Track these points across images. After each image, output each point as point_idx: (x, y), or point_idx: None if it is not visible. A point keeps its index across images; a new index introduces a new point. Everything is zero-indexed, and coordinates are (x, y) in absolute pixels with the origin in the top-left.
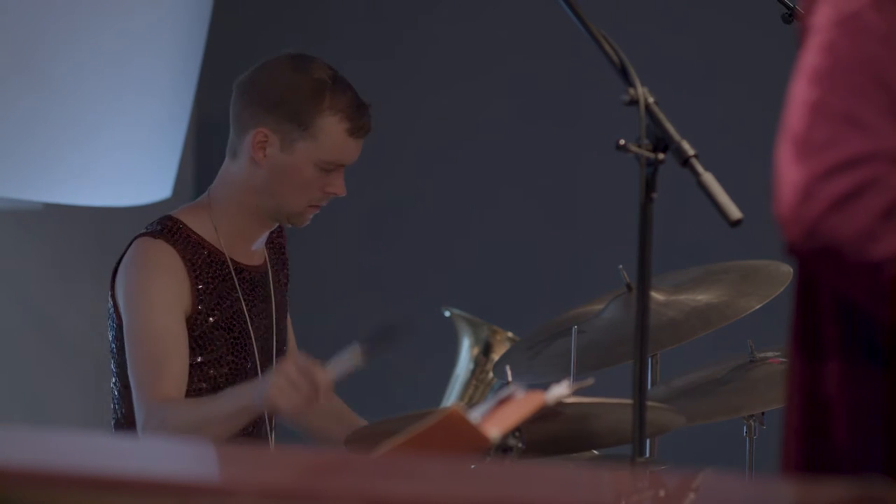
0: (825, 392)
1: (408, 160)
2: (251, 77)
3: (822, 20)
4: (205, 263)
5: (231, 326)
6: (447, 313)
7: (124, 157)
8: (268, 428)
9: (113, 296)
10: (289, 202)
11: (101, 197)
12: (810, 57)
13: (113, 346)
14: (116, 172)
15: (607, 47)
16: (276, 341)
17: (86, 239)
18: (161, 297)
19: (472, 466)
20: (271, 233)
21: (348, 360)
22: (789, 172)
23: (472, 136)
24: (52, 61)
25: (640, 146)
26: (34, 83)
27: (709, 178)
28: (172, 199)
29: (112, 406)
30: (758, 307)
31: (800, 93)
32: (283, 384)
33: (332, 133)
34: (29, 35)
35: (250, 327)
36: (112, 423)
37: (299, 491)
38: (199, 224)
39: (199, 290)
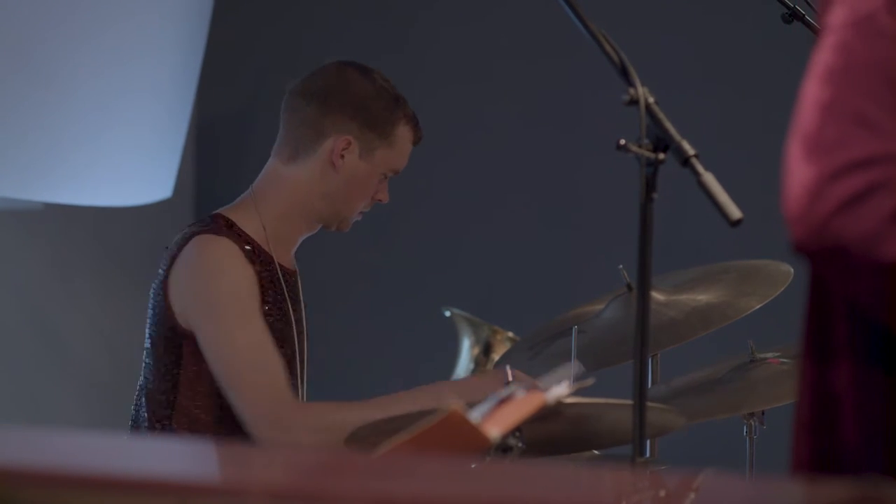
0: (835, 391)
1: (410, 159)
2: (323, 83)
3: (836, 20)
4: (257, 262)
5: (281, 328)
6: (447, 313)
7: (125, 157)
8: None
9: (166, 292)
10: (349, 208)
11: (101, 197)
12: (823, 56)
13: (149, 340)
14: (117, 172)
15: (608, 47)
16: (307, 346)
17: (86, 239)
18: (245, 298)
19: (472, 466)
20: None
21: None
22: (799, 171)
23: (473, 137)
24: (53, 61)
25: (640, 146)
26: (35, 83)
27: (709, 178)
28: (173, 199)
29: (142, 403)
30: (758, 307)
31: (812, 92)
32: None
33: (404, 142)
34: (29, 35)
35: (294, 330)
36: (137, 421)
37: (300, 491)
38: (249, 224)
39: (263, 285)
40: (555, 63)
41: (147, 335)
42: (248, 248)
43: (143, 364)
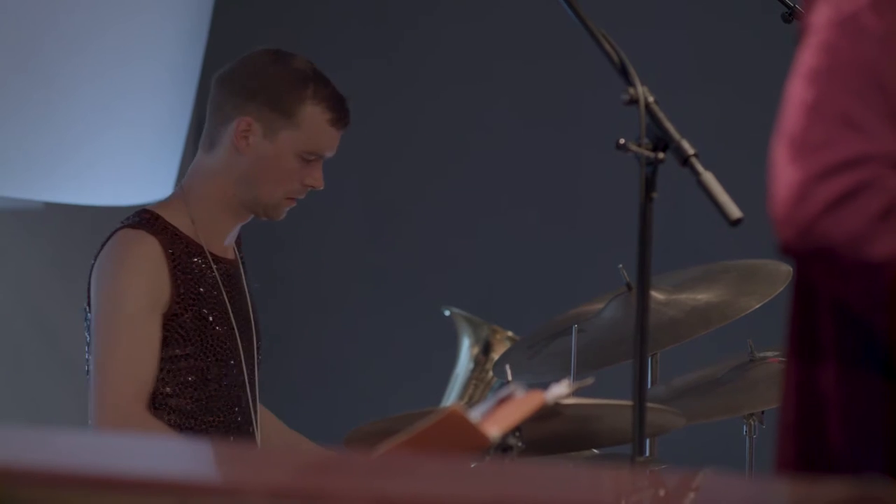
0: (821, 391)
1: (408, 160)
2: (232, 69)
3: (820, 20)
4: (184, 255)
5: (215, 318)
6: (447, 313)
7: (125, 157)
8: (254, 426)
9: (88, 290)
10: (267, 192)
11: (102, 196)
12: (808, 57)
13: (88, 340)
14: (118, 172)
15: (607, 47)
16: (255, 334)
17: (87, 238)
18: (137, 293)
19: (472, 466)
20: None
21: None
22: (785, 172)
23: (473, 137)
24: (54, 62)
25: (640, 145)
26: (36, 83)
27: (709, 178)
28: None
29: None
30: (757, 306)
31: (797, 93)
32: None
33: (314, 122)
34: (31, 35)
35: (233, 320)
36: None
37: (299, 490)
38: (176, 217)
39: (179, 281)
40: (554, 63)
41: (86, 344)
42: (173, 238)
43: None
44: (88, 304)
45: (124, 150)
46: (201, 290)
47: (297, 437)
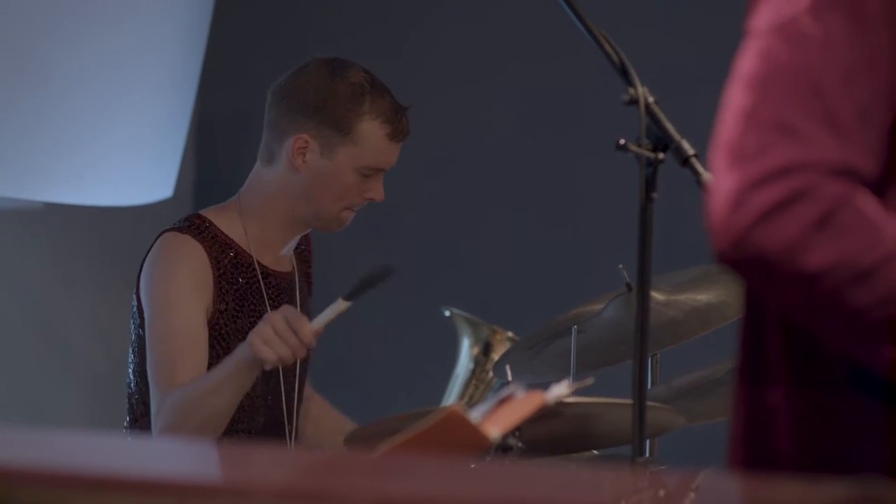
0: (769, 403)
1: (408, 160)
2: (288, 83)
3: (760, 24)
4: (231, 264)
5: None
6: (447, 313)
7: (125, 157)
8: (287, 430)
9: (137, 293)
10: (326, 208)
11: (101, 197)
12: (747, 62)
13: (134, 344)
14: (117, 172)
15: (607, 47)
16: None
17: (86, 239)
18: (183, 293)
19: (473, 466)
20: (299, 242)
21: (332, 311)
22: (721, 180)
23: (473, 136)
24: (53, 61)
25: (640, 146)
26: (35, 83)
27: (709, 178)
28: (173, 198)
29: (128, 405)
30: None
31: (735, 99)
32: (268, 334)
33: (372, 138)
34: (30, 35)
35: None
36: (126, 422)
37: (300, 491)
38: (228, 224)
39: (223, 289)
40: (554, 63)
41: (130, 348)
42: (221, 246)
43: (129, 366)
44: (138, 308)
45: (124, 150)
46: (245, 303)
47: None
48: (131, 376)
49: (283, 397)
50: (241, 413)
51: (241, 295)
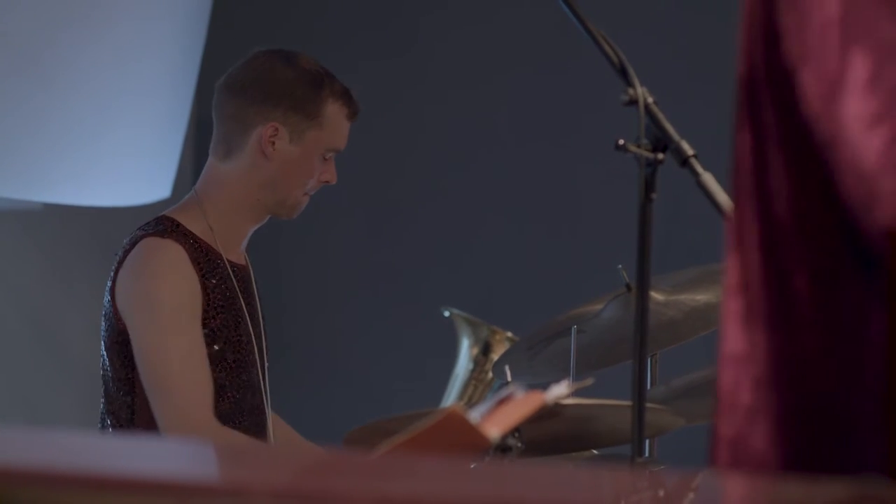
0: (743, 400)
1: (408, 161)
2: (240, 76)
3: None
4: (206, 262)
5: (236, 326)
6: (447, 313)
7: (124, 158)
8: (269, 431)
9: (113, 297)
10: (291, 193)
11: (100, 197)
12: None
13: (104, 345)
14: (116, 173)
15: (606, 48)
16: (265, 339)
17: (85, 239)
18: (178, 300)
19: (472, 467)
20: None
21: None
22: None
23: (473, 137)
24: (53, 62)
25: (639, 146)
26: (34, 84)
27: (708, 178)
28: (172, 199)
29: (101, 406)
30: None
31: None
32: None
33: (335, 119)
34: (30, 36)
35: (250, 326)
36: (99, 422)
37: (300, 491)
38: (195, 224)
39: (207, 289)
40: (553, 64)
41: (101, 342)
42: (194, 246)
43: (101, 372)
44: (114, 313)
45: (122, 151)
46: (223, 299)
47: (310, 445)
48: (107, 383)
49: (263, 395)
50: (233, 410)
51: (217, 293)
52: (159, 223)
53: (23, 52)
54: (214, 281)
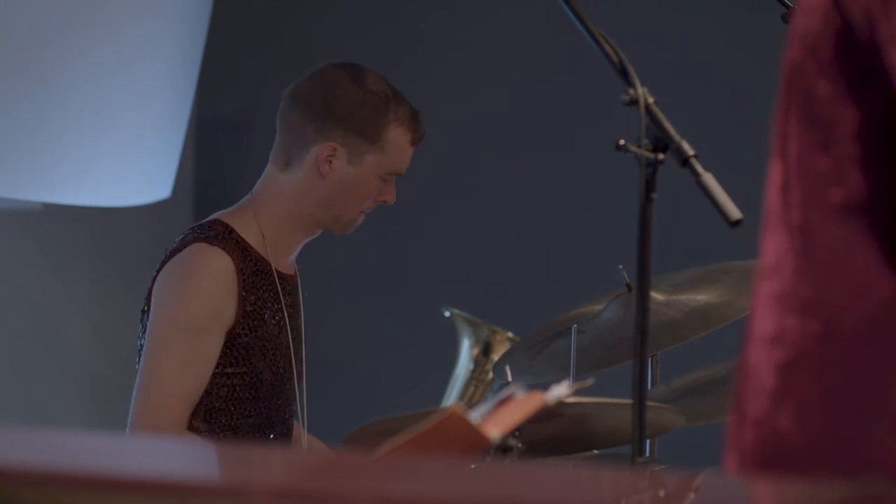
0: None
1: (410, 161)
2: (308, 89)
3: None
4: (252, 273)
5: (275, 338)
6: (447, 313)
7: (124, 158)
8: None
9: (149, 294)
10: (348, 212)
11: (100, 197)
12: None
13: (138, 342)
14: (116, 173)
15: (606, 47)
16: (304, 351)
17: (85, 239)
18: (198, 311)
19: (473, 467)
20: None
21: None
22: None
23: (472, 137)
24: (53, 62)
25: (639, 146)
26: (34, 84)
27: (708, 178)
28: (172, 199)
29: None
30: None
31: None
32: None
33: (397, 144)
34: (30, 37)
35: (290, 338)
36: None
37: (299, 491)
38: (246, 229)
39: (247, 301)
40: (553, 65)
41: (137, 339)
42: (244, 254)
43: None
44: (147, 310)
45: (123, 151)
46: (266, 309)
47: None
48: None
49: (298, 407)
50: (266, 421)
51: (260, 303)
52: (212, 227)
53: (23, 52)
54: (258, 294)
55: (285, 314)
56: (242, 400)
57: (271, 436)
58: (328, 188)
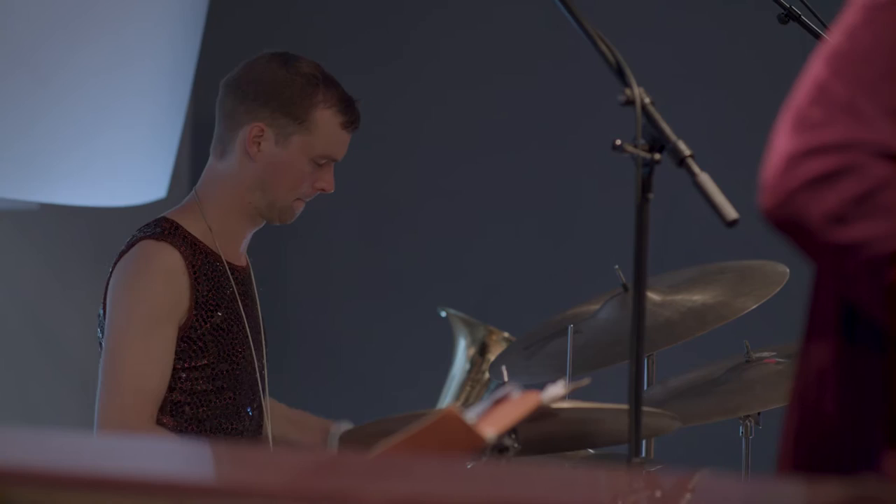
0: (820, 365)
1: (406, 162)
2: (241, 75)
3: (857, 0)
4: (203, 265)
5: (231, 328)
6: (443, 313)
7: (120, 158)
8: (267, 431)
9: (105, 297)
10: (280, 197)
11: (96, 197)
12: (833, 36)
13: (100, 345)
14: (112, 173)
15: (603, 48)
16: (264, 340)
17: (82, 239)
18: (152, 306)
19: (469, 467)
20: None
21: None
22: (781, 142)
23: (471, 138)
24: (50, 63)
25: (636, 146)
26: (31, 84)
27: (705, 179)
28: (168, 199)
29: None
30: (754, 307)
31: (814, 69)
32: None
33: (326, 126)
34: (27, 36)
35: (247, 328)
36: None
37: (299, 491)
38: (194, 225)
39: (199, 293)
40: (550, 65)
41: (98, 343)
42: (193, 248)
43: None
44: (104, 311)
45: (119, 151)
46: (220, 301)
47: (302, 414)
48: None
49: (261, 396)
50: (231, 411)
51: (214, 296)
52: (158, 225)
53: (19, 52)
54: (210, 285)
55: (240, 304)
56: (205, 392)
57: (237, 426)
58: (259, 170)
